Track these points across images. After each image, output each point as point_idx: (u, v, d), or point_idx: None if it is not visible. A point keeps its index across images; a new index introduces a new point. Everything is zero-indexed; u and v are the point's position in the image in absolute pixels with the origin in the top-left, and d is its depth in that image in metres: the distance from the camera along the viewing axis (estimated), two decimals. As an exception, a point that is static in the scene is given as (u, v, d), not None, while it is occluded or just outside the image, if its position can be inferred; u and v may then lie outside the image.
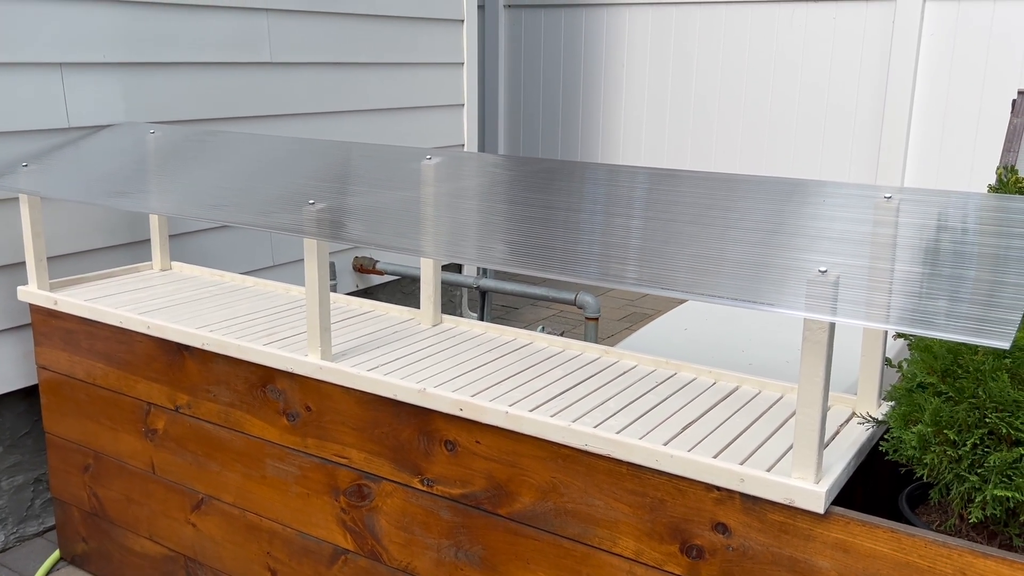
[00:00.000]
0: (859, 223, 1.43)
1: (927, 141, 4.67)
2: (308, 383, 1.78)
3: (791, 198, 1.57)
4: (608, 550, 1.48)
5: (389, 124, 3.63)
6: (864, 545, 1.24)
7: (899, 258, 1.32)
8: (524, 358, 1.84)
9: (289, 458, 1.86)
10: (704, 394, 1.67)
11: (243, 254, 3.08)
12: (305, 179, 1.96)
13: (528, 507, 1.55)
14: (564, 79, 5.79)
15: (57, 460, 2.34)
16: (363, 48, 3.43)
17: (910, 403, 1.34)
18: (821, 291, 1.23)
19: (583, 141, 5.82)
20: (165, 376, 2.02)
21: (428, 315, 2.04)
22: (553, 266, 1.43)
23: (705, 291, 1.30)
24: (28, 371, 2.48)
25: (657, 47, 5.40)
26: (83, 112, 2.53)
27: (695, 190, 1.65)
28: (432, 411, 1.63)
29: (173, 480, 2.09)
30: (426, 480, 1.67)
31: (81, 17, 2.49)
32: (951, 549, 1.18)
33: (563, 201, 1.69)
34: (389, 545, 1.75)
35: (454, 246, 1.57)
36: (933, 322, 1.15)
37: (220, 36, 2.88)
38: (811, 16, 4.88)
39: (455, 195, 1.79)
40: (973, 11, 4.43)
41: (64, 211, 2.52)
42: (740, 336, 2.44)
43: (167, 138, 2.41)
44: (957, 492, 1.27)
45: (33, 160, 2.32)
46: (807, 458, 1.28)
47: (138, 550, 2.23)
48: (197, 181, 2.06)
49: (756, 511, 1.32)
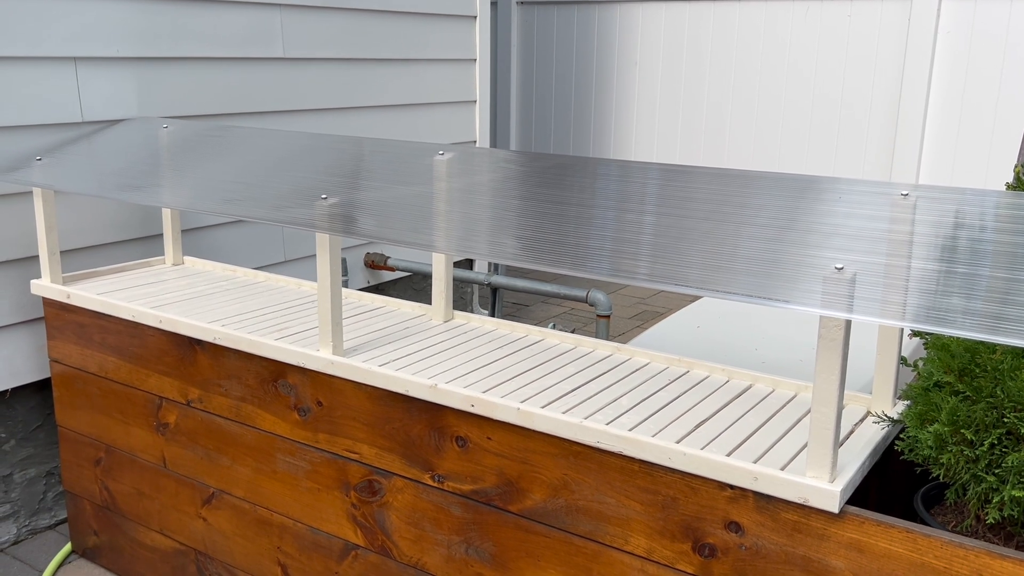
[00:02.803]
0: (874, 220, 1.42)
1: (942, 140, 4.63)
2: (320, 378, 1.78)
3: (806, 194, 1.55)
4: (620, 548, 1.47)
5: (401, 120, 3.63)
6: (879, 545, 1.23)
7: (915, 255, 1.30)
8: (536, 355, 1.83)
9: (300, 453, 1.85)
10: (717, 392, 1.66)
11: (255, 249, 3.08)
12: (317, 174, 1.96)
13: (539, 504, 1.54)
14: (576, 76, 5.77)
15: (69, 453, 2.35)
16: (376, 44, 3.43)
17: (926, 402, 1.33)
18: (837, 288, 1.21)
19: (595, 138, 5.80)
20: (177, 370, 2.03)
21: (440, 311, 2.04)
22: (565, 262, 1.42)
23: (719, 287, 1.29)
24: (41, 365, 2.49)
25: (670, 44, 5.38)
26: (97, 106, 2.54)
27: (709, 186, 1.64)
28: (443, 407, 1.62)
29: (184, 474, 2.09)
30: (437, 476, 1.66)
31: (95, 12, 2.50)
32: (968, 550, 1.17)
33: (575, 197, 1.68)
34: (399, 541, 1.75)
35: (466, 241, 1.56)
36: (950, 320, 1.13)
37: (233, 31, 2.88)
38: (825, 13, 4.85)
39: (467, 191, 1.78)
40: (990, 9, 4.39)
41: (77, 205, 2.53)
42: (753, 334, 2.43)
43: (180, 133, 2.41)
44: (974, 492, 1.25)
45: (47, 154, 2.33)
46: (822, 457, 1.27)
47: (149, 544, 2.23)
48: (210, 176, 2.06)
49: (770, 510, 1.31)
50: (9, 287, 2.40)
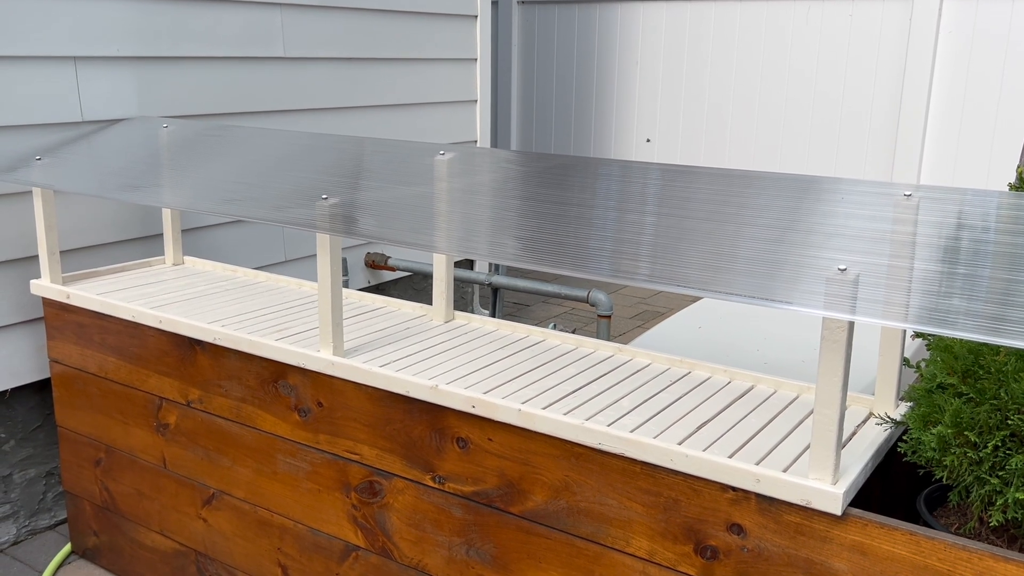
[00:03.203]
0: (876, 220, 1.41)
1: (944, 140, 4.62)
2: (320, 379, 1.78)
3: (807, 195, 1.55)
4: (621, 550, 1.46)
5: (402, 119, 3.62)
6: (882, 547, 1.22)
7: (918, 256, 1.30)
8: (537, 355, 1.83)
9: (300, 454, 1.85)
10: (719, 393, 1.66)
11: (255, 249, 3.07)
12: (318, 174, 1.95)
13: (540, 505, 1.54)
14: (577, 75, 5.77)
15: (69, 454, 2.34)
16: (376, 43, 3.42)
17: (929, 404, 1.32)
18: (840, 289, 1.21)
19: (596, 137, 5.80)
20: (177, 371, 2.02)
21: (440, 311, 2.03)
22: (565, 262, 1.41)
23: (720, 288, 1.28)
24: (40, 365, 2.49)
25: (671, 43, 5.37)
26: (97, 106, 2.53)
27: (710, 187, 1.63)
28: (444, 408, 1.62)
29: (184, 475, 2.09)
30: (438, 477, 1.66)
31: (95, 10, 2.49)
32: (971, 552, 1.16)
33: (576, 197, 1.67)
34: (400, 542, 1.75)
35: (466, 242, 1.55)
36: (953, 321, 1.13)
37: (234, 30, 2.87)
38: (827, 13, 4.84)
39: (468, 191, 1.78)
40: (991, 9, 4.39)
41: (77, 205, 2.53)
42: (755, 334, 2.42)
43: (180, 132, 2.40)
44: (977, 495, 1.25)
45: (47, 154, 2.32)
46: (824, 459, 1.26)
47: (149, 544, 2.23)
48: (210, 175, 2.05)
49: (772, 512, 1.30)
50: (9, 287, 2.40)
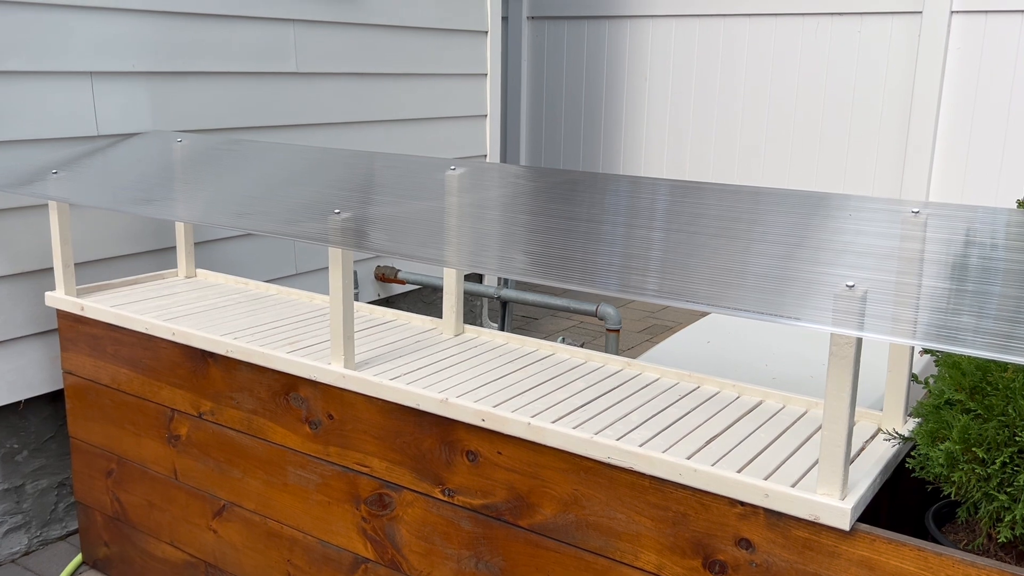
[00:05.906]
0: (885, 237, 1.42)
1: (953, 157, 4.63)
2: (331, 391, 1.79)
3: (816, 211, 1.56)
4: (630, 564, 1.47)
5: (412, 134, 3.65)
6: (890, 563, 1.23)
7: (926, 273, 1.31)
8: (546, 369, 1.84)
9: (311, 466, 1.86)
10: (727, 408, 1.66)
11: (267, 262, 3.10)
12: (330, 188, 1.97)
13: (549, 519, 1.54)
14: (586, 90, 5.80)
15: (81, 465, 2.36)
16: (388, 59, 3.45)
17: (938, 420, 1.33)
18: (848, 305, 1.22)
19: (605, 153, 5.82)
20: (189, 382, 2.04)
21: (450, 325, 2.04)
22: (574, 277, 1.43)
23: (729, 304, 1.29)
24: (54, 376, 2.51)
25: (680, 60, 5.40)
26: (112, 120, 2.57)
27: (719, 203, 1.64)
28: (454, 421, 1.63)
29: (195, 486, 2.10)
30: (447, 490, 1.67)
31: (111, 27, 2.52)
32: (979, 569, 1.16)
33: (585, 212, 1.69)
34: (409, 555, 1.75)
35: (476, 256, 1.57)
36: (961, 338, 1.13)
37: (247, 46, 2.90)
38: (835, 30, 4.86)
39: (478, 205, 1.79)
40: (1000, 25, 4.40)
41: (91, 218, 2.55)
42: (763, 350, 2.43)
43: (194, 146, 2.43)
44: (986, 511, 1.25)
45: (62, 167, 2.35)
46: (833, 474, 1.27)
47: (159, 555, 2.24)
48: (223, 189, 2.07)
49: (780, 527, 1.31)
50: (23, 299, 2.43)
